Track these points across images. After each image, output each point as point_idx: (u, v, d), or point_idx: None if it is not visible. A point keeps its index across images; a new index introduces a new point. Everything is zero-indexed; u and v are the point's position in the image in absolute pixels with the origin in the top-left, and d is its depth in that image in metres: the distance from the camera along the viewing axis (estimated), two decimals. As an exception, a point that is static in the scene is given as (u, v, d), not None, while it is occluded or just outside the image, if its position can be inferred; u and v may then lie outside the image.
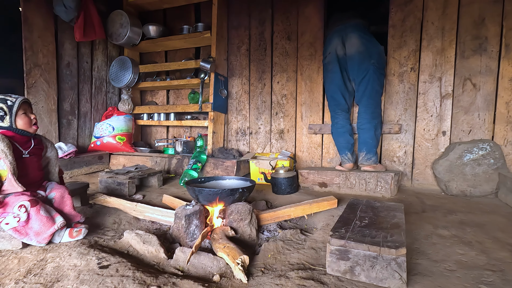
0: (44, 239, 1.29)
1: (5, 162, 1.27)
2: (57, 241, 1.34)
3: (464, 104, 2.29)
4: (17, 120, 1.37)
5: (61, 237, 1.34)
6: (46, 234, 1.29)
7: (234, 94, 3.09)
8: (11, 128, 1.36)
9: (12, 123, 1.35)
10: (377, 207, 1.51)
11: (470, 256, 1.23)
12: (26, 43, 2.55)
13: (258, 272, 1.16)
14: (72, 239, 1.35)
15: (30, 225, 1.28)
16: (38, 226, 1.28)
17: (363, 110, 2.36)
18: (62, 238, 1.34)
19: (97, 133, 3.08)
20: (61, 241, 1.34)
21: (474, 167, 2.11)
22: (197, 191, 1.55)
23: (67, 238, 1.35)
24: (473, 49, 2.24)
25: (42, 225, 1.29)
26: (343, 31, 2.38)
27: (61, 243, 1.34)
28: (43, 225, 1.29)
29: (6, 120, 1.34)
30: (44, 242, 1.30)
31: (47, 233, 1.29)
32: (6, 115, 1.34)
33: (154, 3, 3.19)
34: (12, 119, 1.35)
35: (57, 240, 1.34)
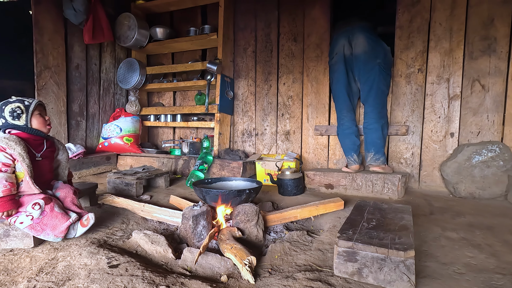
0: (60, 233, 1.32)
1: (23, 165, 1.31)
2: (72, 235, 1.37)
3: (473, 106, 2.26)
4: (32, 119, 1.41)
5: (75, 230, 1.37)
6: (63, 227, 1.33)
7: (240, 96, 3.10)
8: (26, 129, 1.40)
9: (27, 122, 1.40)
10: (384, 209, 1.51)
11: (480, 259, 1.22)
12: (37, 46, 2.60)
13: (265, 273, 1.16)
14: (84, 227, 1.38)
15: (45, 221, 1.32)
16: (53, 222, 1.32)
17: (370, 110, 2.35)
18: (77, 232, 1.37)
19: (105, 134, 3.12)
20: (76, 235, 1.37)
21: (483, 169, 2.09)
22: (204, 192, 1.56)
23: (81, 230, 1.38)
24: (481, 50, 2.22)
25: (57, 220, 1.32)
26: (350, 31, 2.38)
27: (74, 238, 1.37)
28: (59, 220, 1.33)
29: (23, 118, 1.39)
30: (61, 235, 1.33)
31: (64, 226, 1.33)
32: (22, 114, 1.39)
33: (161, 6, 3.23)
34: (28, 118, 1.40)
35: (72, 234, 1.37)
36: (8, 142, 1.30)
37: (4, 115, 1.36)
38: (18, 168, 1.32)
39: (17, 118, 1.38)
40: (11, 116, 1.36)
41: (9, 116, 1.36)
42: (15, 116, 1.37)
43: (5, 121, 1.37)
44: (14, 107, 1.37)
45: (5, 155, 1.28)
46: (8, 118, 1.36)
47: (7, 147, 1.29)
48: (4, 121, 1.37)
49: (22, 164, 1.31)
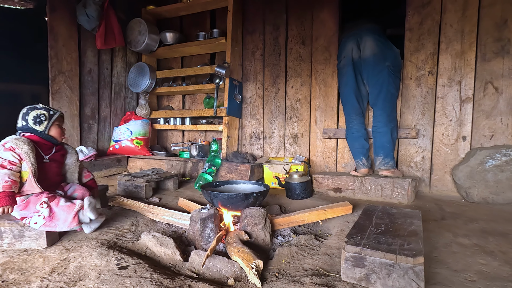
0: (71, 223, 1.37)
1: (28, 164, 1.37)
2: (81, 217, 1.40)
3: (486, 108, 2.21)
4: (52, 128, 1.51)
5: (85, 216, 1.41)
6: (71, 215, 1.37)
7: (248, 99, 3.12)
8: (41, 134, 1.48)
9: (46, 129, 1.49)
10: (393, 213, 1.49)
11: (493, 267, 1.19)
12: (52, 51, 2.69)
13: (272, 277, 1.16)
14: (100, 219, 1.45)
15: (56, 216, 1.37)
16: (62, 215, 1.37)
17: (379, 113, 2.32)
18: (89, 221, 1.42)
19: (116, 137, 3.18)
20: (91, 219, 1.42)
21: (497, 173, 2.03)
22: (212, 195, 1.57)
23: (90, 214, 1.41)
24: (495, 51, 2.17)
25: (65, 213, 1.38)
26: (358, 34, 2.37)
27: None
28: (66, 212, 1.38)
29: (43, 125, 1.48)
30: (73, 224, 1.38)
31: (71, 214, 1.37)
32: (45, 121, 1.48)
33: (171, 11, 3.29)
34: (48, 126, 1.49)
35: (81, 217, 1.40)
36: (17, 142, 1.37)
37: (27, 118, 1.45)
38: (24, 167, 1.38)
39: (38, 124, 1.46)
40: (33, 121, 1.45)
41: (31, 120, 1.45)
42: (37, 122, 1.46)
43: (26, 123, 1.45)
44: (39, 113, 1.47)
45: (13, 154, 1.35)
46: (30, 122, 1.45)
47: (16, 147, 1.36)
48: (25, 124, 1.45)
49: (27, 163, 1.37)
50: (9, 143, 1.37)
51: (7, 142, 1.37)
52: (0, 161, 1.33)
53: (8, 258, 1.28)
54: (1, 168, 1.32)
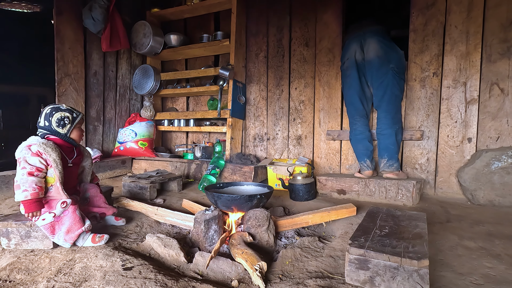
0: (71, 238, 1.36)
1: (55, 171, 1.37)
2: (80, 244, 1.40)
3: (491, 110, 2.19)
4: (73, 131, 1.50)
5: (84, 240, 1.40)
6: (74, 234, 1.36)
7: (252, 101, 3.12)
8: (63, 137, 1.47)
9: (68, 132, 1.48)
10: (398, 216, 1.48)
11: (499, 270, 1.18)
12: (58, 54, 2.72)
13: (276, 279, 1.16)
14: (94, 244, 1.40)
15: (64, 220, 1.37)
16: (70, 223, 1.36)
17: (383, 115, 2.31)
18: (85, 242, 1.40)
19: (120, 138, 3.21)
20: (84, 245, 1.40)
21: (503, 175, 2.01)
22: (216, 197, 1.58)
23: (89, 243, 1.40)
24: (500, 52, 2.15)
25: (74, 223, 1.37)
26: (362, 36, 2.36)
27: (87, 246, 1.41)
28: (75, 224, 1.37)
29: (66, 128, 1.46)
30: (71, 241, 1.36)
31: (76, 232, 1.37)
32: (68, 124, 1.46)
33: (175, 13, 3.31)
34: (71, 129, 1.48)
35: (80, 244, 1.40)
36: (45, 147, 1.36)
37: (51, 119, 1.43)
38: (50, 173, 1.38)
39: (62, 126, 1.45)
40: (57, 123, 1.44)
41: (55, 122, 1.43)
42: (61, 124, 1.44)
43: (49, 124, 1.43)
44: (63, 116, 1.45)
45: (40, 160, 1.34)
46: (54, 123, 1.43)
47: (44, 152, 1.35)
48: (48, 125, 1.43)
49: (55, 170, 1.37)
50: (36, 146, 1.34)
51: (33, 145, 1.35)
52: (28, 167, 1.31)
53: (15, 259, 1.29)
54: (28, 175, 1.31)
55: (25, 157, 1.33)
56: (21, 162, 1.33)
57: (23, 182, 1.30)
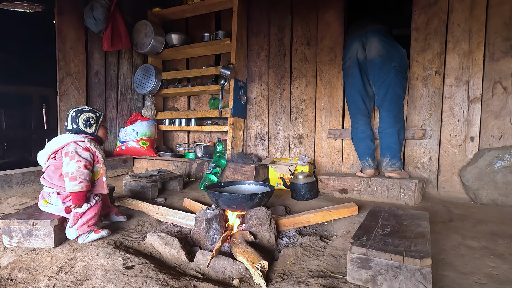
0: (83, 230, 1.41)
1: (103, 166, 1.48)
2: (81, 240, 1.42)
3: (494, 109, 2.18)
4: (99, 129, 1.58)
5: (88, 235, 1.43)
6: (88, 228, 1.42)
7: (253, 100, 3.12)
8: (95, 136, 1.56)
9: (95, 131, 1.56)
10: (400, 215, 1.47)
11: (503, 270, 1.17)
12: (60, 54, 2.73)
13: (277, 278, 1.16)
14: (96, 235, 1.44)
15: (88, 212, 1.44)
16: (91, 216, 1.44)
17: (385, 114, 2.30)
18: (88, 238, 1.43)
19: (122, 138, 3.21)
20: (86, 240, 1.42)
21: (506, 174, 2.00)
22: (217, 196, 1.58)
23: (93, 236, 1.44)
24: (503, 51, 2.14)
25: (93, 217, 1.44)
26: (364, 35, 2.35)
27: (89, 242, 1.42)
28: (93, 219, 1.44)
29: (93, 127, 1.55)
30: (80, 232, 1.41)
31: (90, 227, 1.43)
32: (94, 124, 1.55)
33: (176, 13, 3.31)
34: (97, 128, 1.57)
35: (82, 239, 1.42)
36: (95, 144, 1.47)
37: (78, 122, 1.51)
38: (95, 168, 1.48)
39: (89, 126, 1.53)
40: (84, 124, 1.52)
41: (82, 123, 1.51)
42: (87, 125, 1.52)
43: (77, 126, 1.51)
44: (88, 116, 1.53)
45: (90, 155, 1.44)
46: (81, 125, 1.51)
47: (93, 148, 1.45)
48: (76, 127, 1.51)
49: (102, 166, 1.47)
50: (86, 143, 1.44)
51: (82, 141, 1.44)
52: (83, 161, 1.40)
53: (17, 257, 1.30)
54: (84, 168, 1.39)
55: (77, 151, 1.41)
56: (75, 156, 1.40)
57: (79, 174, 1.38)
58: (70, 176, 1.37)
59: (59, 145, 1.44)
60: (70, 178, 1.37)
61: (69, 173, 1.37)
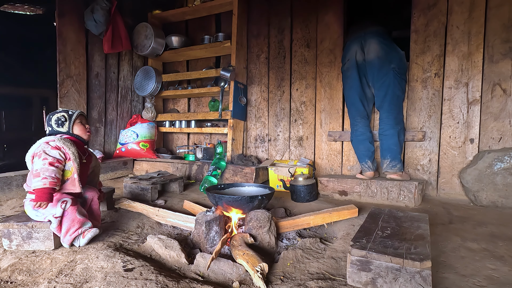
0: (68, 241, 1.38)
1: (74, 164, 1.45)
2: (76, 244, 1.41)
3: (494, 111, 2.18)
4: (74, 127, 1.56)
5: (79, 240, 1.41)
6: (71, 236, 1.38)
7: (253, 102, 3.12)
8: (70, 134, 1.55)
9: (69, 129, 1.55)
10: (400, 217, 1.47)
11: (503, 272, 1.17)
12: (60, 56, 2.73)
13: (277, 281, 1.16)
14: (84, 239, 1.41)
15: (63, 221, 1.39)
16: (69, 224, 1.39)
17: (385, 116, 2.31)
18: (80, 243, 1.41)
19: (122, 139, 3.21)
20: (80, 244, 1.41)
21: (506, 176, 2.00)
22: (217, 198, 1.58)
23: (82, 241, 1.41)
24: (503, 53, 2.15)
25: (73, 225, 1.39)
26: (362, 37, 2.36)
27: (92, 242, 1.42)
28: (72, 225, 1.39)
29: (66, 125, 1.54)
30: (67, 243, 1.38)
31: (73, 235, 1.39)
32: (66, 121, 1.54)
33: (177, 15, 3.32)
34: (70, 126, 1.55)
35: (77, 244, 1.41)
36: (65, 142, 1.45)
37: (51, 123, 1.53)
38: (68, 166, 1.45)
39: (61, 125, 1.53)
40: (56, 124, 1.52)
41: (54, 123, 1.53)
42: (59, 124, 1.53)
43: (51, 128, 1.53)
44: (59, 116, 1.53)
45: (59, 153, 1.42)
46: (54, 125, 1.53)
47: (63, 146, 1.43)
48: (51, 129, 1.53)
49: (73, 163, 1.45)
50: (56, 142, 1.43)
51: (51, 141, 1.43)
52: (50, 158, 1.38)
53: (16, 260, 1.29)
54: (49, 165, 1.37)
55: (44, 150, 1.40)
56: (41, 155, 1.38)
57: (43, 171, 1.35)
58: (34, 173, 1.36)
59: (35, 148, 1.44)
60: (34, 175, 1.36)
61: (34, 170, 1.37)
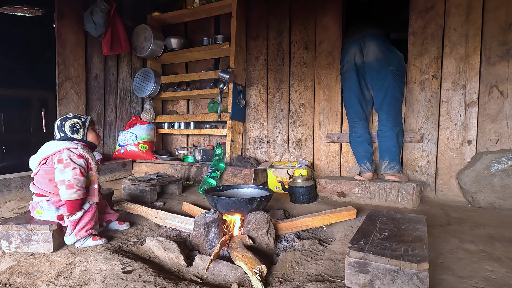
0: (81, 235, 1.41)
1: (96, 174, 1.46)
2: (79, 244, 1.43)
3: (491, 112, 2.20)
4: (88, 134, 1.54)
5: (85, 240, 1.44)
6: (86, 232, 1.42)
7: (252, 103, 3.13)
8: (84, 141, 1.52)
9: (84, 136, 1.52)
10: (398, 218, 1.48)
11: (500, 273, 1.17)
12: (59, 58, 2.74)
13: (276, 282, 1.16)
14: (94, 242, 1.44)
15: (84, 217, 1.43)
16: (87, 221, 1.43)
17: (384, 117, 2.32)
18: (85, 242, 1.43)
19: (121, 141, 3.21)
20: (83, 245, 1.42)
21: (503, 178, 2.01)
22: (216, 200, 1.58)
23: (90, 242, 1.44)
24: (500, 55, 2.16)
25: (89, 222, 1.44)
26: (361, 39, 2.37)
27: (86, 247, 1.42)
28: (90, 223, 1.44)
29: (80, 133, 1.51)
30: (79, 237, 1.41)
31: (88, 231, 1.43)
32: (80, 129, 1.51)
33: (176, 17, 3.33)
34: (85, 133, 1.52)
35: (80, 243, 1.43)
36: (88, 151, 1.44)
37: (64, 129, 1.49)
38: (88, 175, 1.45)
39: (76, 132, 1.49)
40: (70, 131, 1.48)
41: (68, 130, 1.48)
42: (74, 131, 1.49)
43: (64, 135, 1.49)
44: (73, 122, 1.49)
45: (84, 162, 1.42)
46: (68, 132, 1.48)
47: (86, 155, 1.43)
48: (64, 135, 1.49)
49: (95, 173, 1.45)
50: (80, 150, 1.42)
51: (75, 148, 1.42)
52: (79, 168, 1.38)
53: (15, 262, 1.29)
54: (81, 175, 1.38)
55: (71, 158, 1.39)
56: (70, 163, 1.38)
57: (76, 182, 1.36)
58: (67, 184, 1.34)
59: (51, 151, 1.41)
60: (67, 186, 1.34)
61: (66, 180, 1.35)
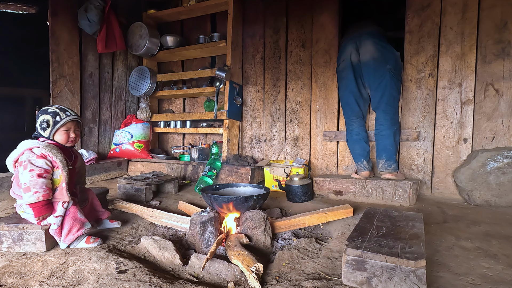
0: (70, 240, 1.37)
1: (62, 172, 1.36)
2: (73, 245, 1.40)
3: (487, 111, 2.21)
4: (56, 134, 1.42)
5: (79, 241, 1.40)
6: (73, 236, 1.38)
7: (248, 102, 3.12)
8: (51, 140, 1.42)
9: (50, 135, 1.41)
10: (394, 216, 1.48)
11: (496, 270, 1.17)
12: (53, 56, 2.70)
13: (273, 281, 1.15)
14: (87, 245, 1.40)
15: (65, 221, 1.38)
16: (70, 224, 1.38)
17: (382, 116, 2.32)
18: (79, 243, 1.40)
19: (116, 140, 3.18)
20: (77, 246, 1.39)
21: (499, 176, 2.02)
22: (212, 198, 1.57)
23: (83, 244, 1.40)
24: (495, 53, 2.17)
25: (73, 225, 1.39)
26: (357, 38, 2.37)
27: (80, 248, 1.39)
28: (74, 225, 1.39)
29: (47, 131, 1.41)
30: (68, 242, 1.38)
31: (76, 234, 1.38)
32: (48, 128, 1.40)
33: (172, 15, 3.31)
34: (52, 133, 1.41)
35: (74, 245, 1.40)
36: (51, 149, 1.35)
37: (37, 122, 1.41)
38: (56, 175, 1.37)
39: (43, 129, 1.41)
40: (40, 126, 1.41)
41: (39, 125, 1.41)
42: (42, 128, 1.40)
43: (36, 128, 1.43)
44: (44, 118, 1.39)
45: (46, 162, 1.33)
46: (38, 127, 1.41)
47: (48, 153, 1.34)
48: (36, 129, 1.43)
49: (62, 171, 1.36)
50: (41, 149, 1.33)
51: (36, 148, 1.33)
52: (37, 170, 1.30)
53: (7, 262, 1.27)
54: (38, 177, 1.29)
55: (30, 160, 1.32)
56: (27, 165, 1.30)
57: (33, 184, 1.29)
58: (24, 187, 1.29)
59: (17, 153, 1.36)
60: (24, 189, 1.29)
61: (23, 184, 1.29)
